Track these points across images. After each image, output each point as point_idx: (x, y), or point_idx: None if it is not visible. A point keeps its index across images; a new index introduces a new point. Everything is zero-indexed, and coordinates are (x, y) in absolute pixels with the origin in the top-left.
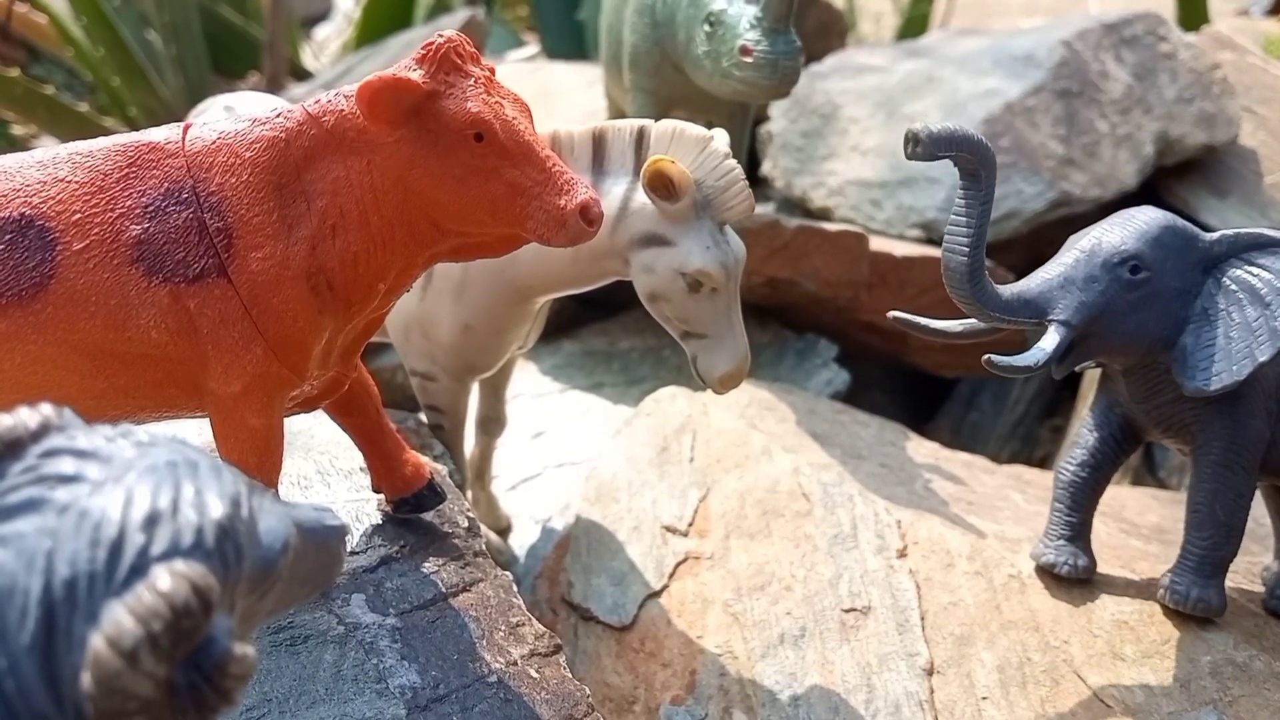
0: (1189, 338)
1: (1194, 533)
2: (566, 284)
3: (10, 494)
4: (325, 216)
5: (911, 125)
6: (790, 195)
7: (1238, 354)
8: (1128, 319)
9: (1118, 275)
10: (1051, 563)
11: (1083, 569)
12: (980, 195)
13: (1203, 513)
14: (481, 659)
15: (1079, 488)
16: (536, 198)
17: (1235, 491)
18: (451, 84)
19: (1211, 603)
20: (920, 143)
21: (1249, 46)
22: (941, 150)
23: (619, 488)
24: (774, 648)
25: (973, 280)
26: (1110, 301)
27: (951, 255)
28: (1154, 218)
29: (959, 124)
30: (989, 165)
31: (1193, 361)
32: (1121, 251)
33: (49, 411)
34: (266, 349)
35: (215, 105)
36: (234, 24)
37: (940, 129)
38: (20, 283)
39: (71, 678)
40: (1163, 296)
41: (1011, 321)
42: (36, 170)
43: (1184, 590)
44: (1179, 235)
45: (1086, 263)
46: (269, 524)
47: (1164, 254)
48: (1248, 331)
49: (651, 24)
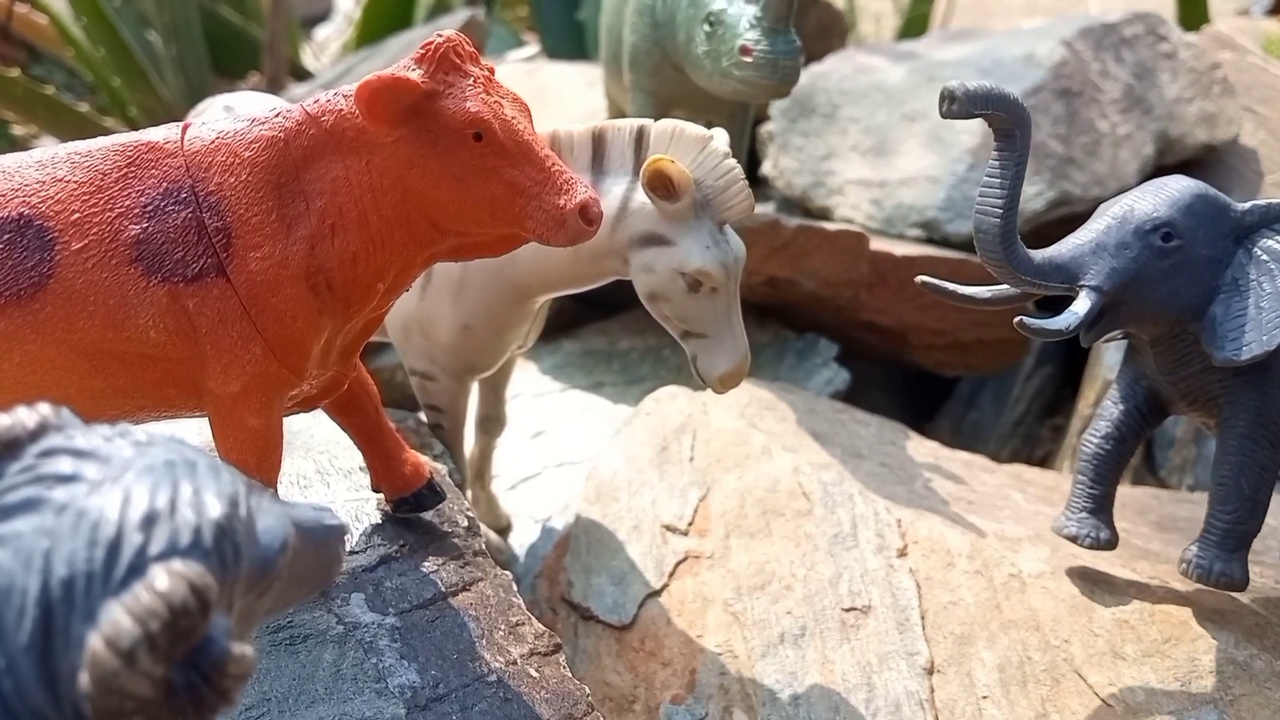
0: (1219, 307)
1: (1218, 506)
2: (566, 283)
3: (8, 494)
4: (324, 216)
5: (948, 83)
6: (790, 195)
7: (1268, 324)
8: (1159, 286)
9: (1149, 242)
10: (1074, 534)
11: (1105, 541)
12: (1015, 156)
13: (1228, 486)
14: (481, 658)
15: (1102, 460)
16: (536, 197)
17: (1261, 465)
18: (450, 83)
19: (1235, 577)
20: (956, 100)
21: (1249, 46)
22: (978, 108)
23: (619, 487)
24: (774, 647)
25: (1005, 243)
26: (1142, 268)
27: (984, 217)
28: (1186, 186)
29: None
30: (1024, 125)
31: (1222, 331)
32: (1154, 219)
33: (47, 411)
34: (265, 348)
35: (215, 105)
36: (234, 24)
37: (976, 87)
38: (19, 282)
39: (69, 677)
40: (1194, 265)
41: (1043, 286)
42: (35, 170)
43: (1208, 564)
44: (1211, 204)
45: (1119, 229)
46: (267, 523)
47: (1196, 222)
48: (1279, 301)
49: (651, 24)
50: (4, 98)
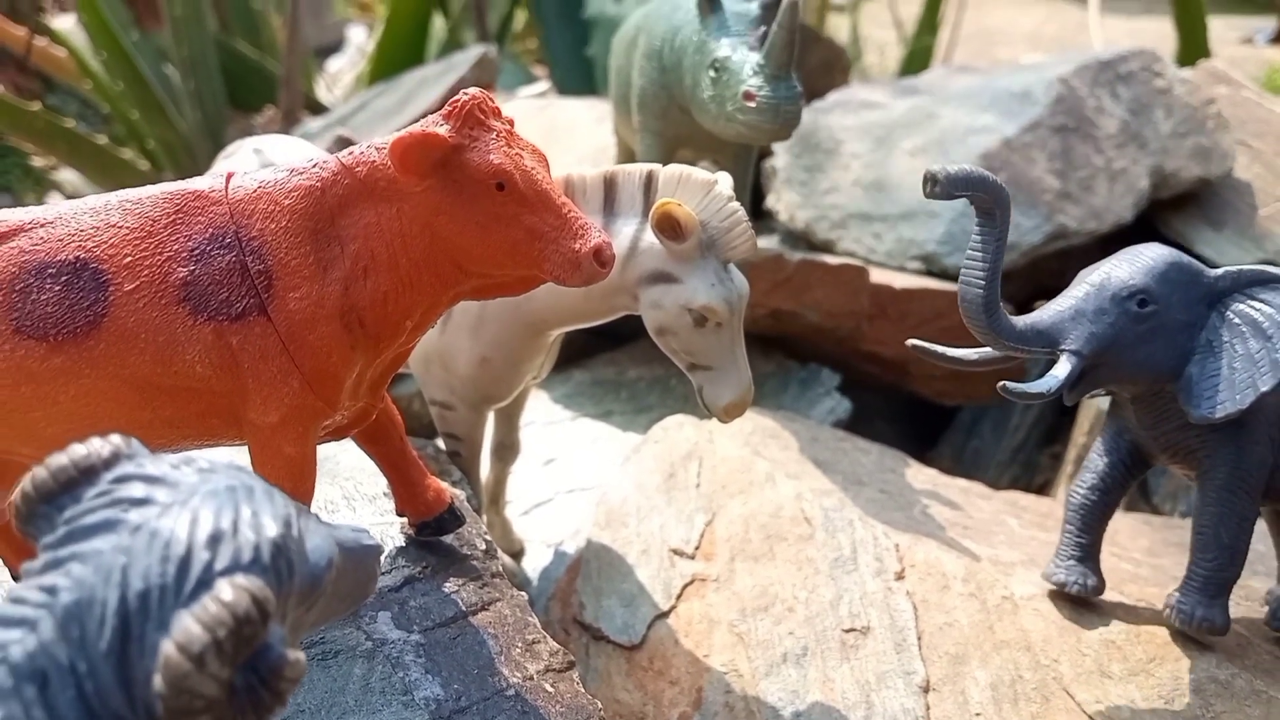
0: (1194, 368)
1: (1199, 554)
2: (579, 318)
3: (87, 515)
4: (358, 259)
5: (930, 166)
6: (794, 228)
7: (1241, 384)
8: (1136, 349)
9: (1126, 308)
10: (1062, 581)
11: (1092, 588)
12: (995, 232)
13: (1208, 535)
14: (500, 673)
15: (1089, 510)
16: (553, 242)
17: (1239, 515)
18: (475, 138)
19: (1216, 622)
20: (939, 182)
21: (1244, 81)
22: (958, 190)
23: (628, 512)
24: (777, 666)
25: (989, 312)
26: (1119, 333)
27: (969, 288)
28: (1161, 254)
29: (973, 166)
30: (1003, 204)
31: (1198, 390)
32: (1130, 286)
33: (119, 441)
34: (303, 382)
35: (244, 148)
36: (250, 59)
37: (957, 170)
38: (76, 321)
39: (144, 680)
40: (1169, 328)
41: (1026, 351)
42: (90, 217)
43: (1189, 610)
44: (1184, 271)
45: (1097, 296)
46: (315, 543)
47: (1170, 288)
48: (1250, 362)
49: (659, 68)
50: (25, 130)
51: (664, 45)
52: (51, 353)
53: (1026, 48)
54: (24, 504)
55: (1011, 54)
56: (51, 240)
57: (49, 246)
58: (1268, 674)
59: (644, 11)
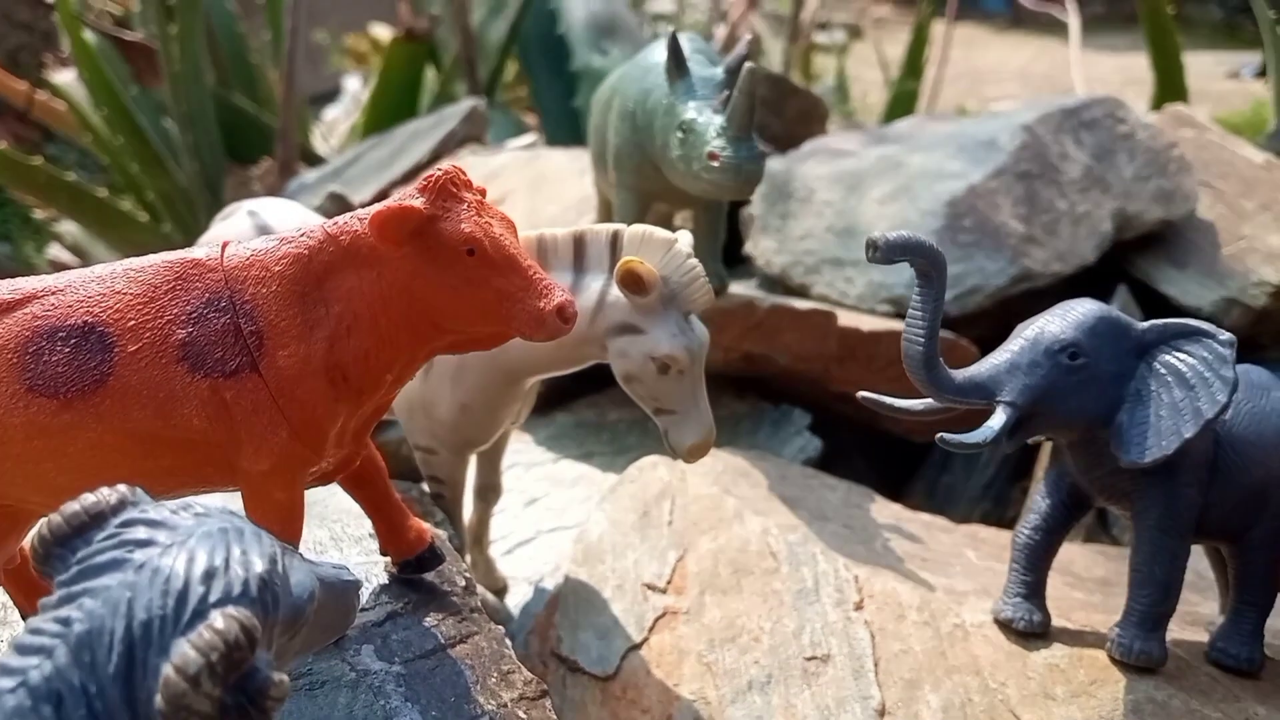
0: (1124, 416)
1: (1136, 590)
2: (552, 367)
3: (97, 555)
4: (341, 319)
5: (871, 234)
6: (770, 273)
7: (1167, 431)
8: (1068, 399)
9: (1058, 361)
10: (1009, 618)
11: (1038, 624)
12: (933, 293)
13: (1143, 573)
14: (476, 701)
15: (1033, 550)
16: (520, 301)
17: (1171, 554)
18: (448, 209)
19: (1153, 654)
20: (878, 248)
21: (1208, 124)
22: (896, 255)
23: (604, 549)
24: (743, 694)
25: (928, 367)
26: (1052, 384)
27: (910, 345)
28: (1091, 309)
29: (912, 232)
30: (939, 268)
31: (1128, 437)
32: (1061, 340)
33: (125, 490)
34: (291, 432)
35: (240, 210)
36: (247, 112)
37: (895, 237)
38: (84, 380)
39: (147, 699)
40: (1099, 379)
41: (963, 402)
42: (97, 284)
43: (1128, 643)
44: (1113, 325)
45: (1030, 350)
46: (299, 578)
47: (1099, 341)
48: (1175, 411)
49: (633, 129)
50: (27, 184)
51: (637, 107)
52: (62, 409)
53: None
54: (41, 546)
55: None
56: (61, 306)
57: (59, 312)
58: (1203, 694)
59: (619, 74)
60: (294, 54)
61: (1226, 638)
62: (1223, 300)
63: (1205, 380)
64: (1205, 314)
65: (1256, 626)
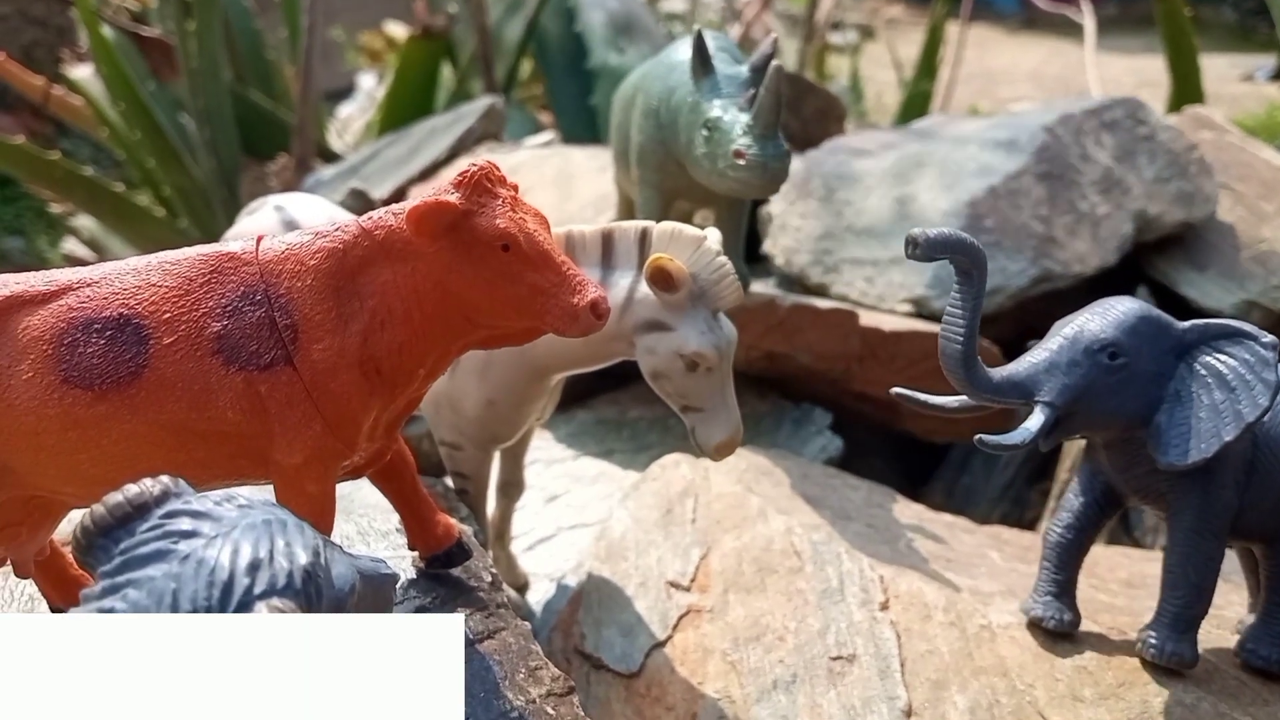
0: (1163, 416)
1: (1169, 592)
2: (579, 364)
3: (141, 546)
4: (376, 313)
5: (912, 230)
6: (790, 272)
7: (1206, 433)
8: (1107, 399)
9: (1098, 360)
10: (1040, 616)
11: (1068, 623)
12: (973, 291)
13: (1176, 574)
14: (505, 697)
15: (1065, 548)
16: (554, 296)
17: (1206, 555)
18: (483, 204)
19: (1185, 656)
20: (919, 245)
21: (1227, 126)
22: (938, 252)
23: (627, 547)
24: (768, 693)
25: (967, 366)
26: (1091, 384)
27: (948, 343)
28: (1131, 308)
29: (953, 229)
30: (980, 265)
31: (1166, 439)
32: (1101, 339)
33: (168, 481)
34: (324, 426)
35: (267, 205)
36: (264, 108)
37: (937, 234)
38: (119, 372)
39: None
40: (1139, 379)
41: (1001, 401)
42: (132, 276)
43: (1159, 644)
44: (1154, 324)
45: (1070, 349)
46: (339, 570)
47: (1140, 341)
48: (1215, 413)
49: (656, 126)
50: (44, 179)
51: (660, 105)
52: (97, 401)
53: (1029, 88)
54: (84, 537)
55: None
56: (97, 298)
57: (95, 304)
58: (1232, 697)
59: (642, 72)
60: (311, 51)
61: (1257, 639)
62: (1243, 303)
63: (1247, 383)
64: (1225, 316)
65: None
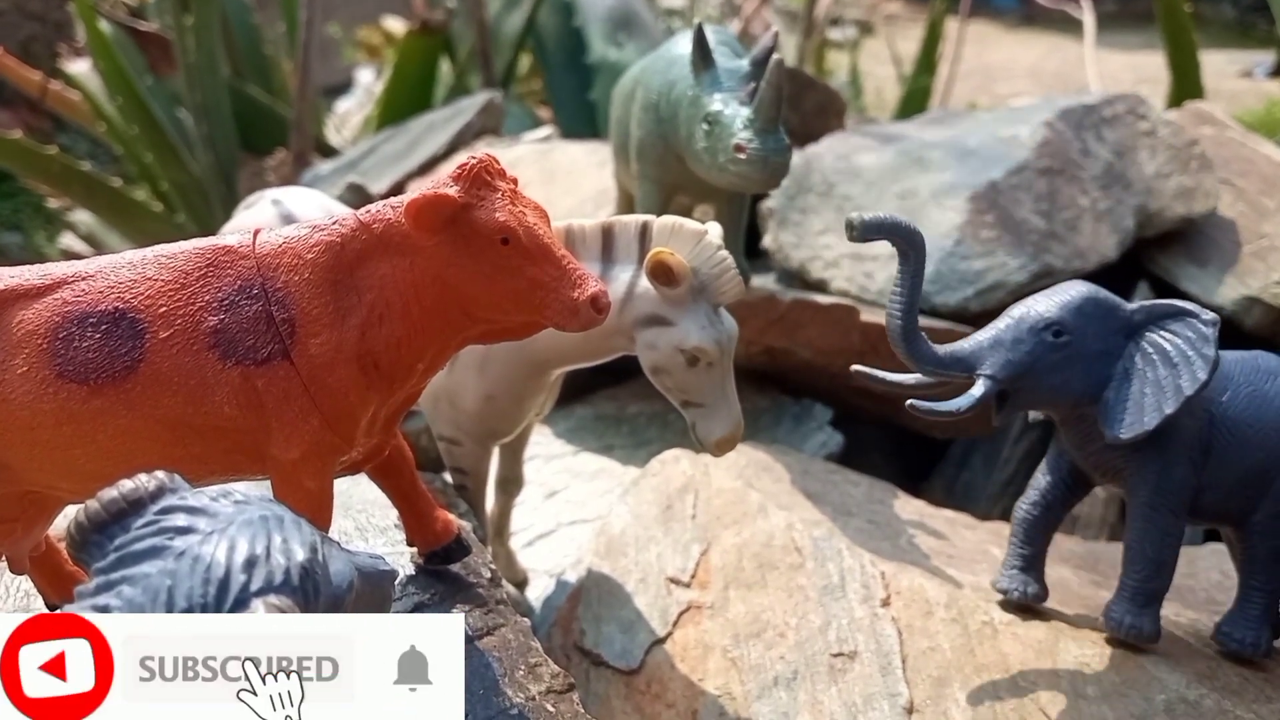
0: (1111, 393)
1: (1127, 567)
2: (579, 358)
3: (136, 542)
4: (374, 308)
5: (849, 214)
6: (789, 267)
7: (1149, 407)
8: (1052, 375)
9: (1042, 338)
10: (1005, 589)
11: (1032, 595)
12: (910, 270)
13: (1135, 549)
14: (504, 694)
15: (1031, 524)
16: (554, 290)
17: (1162, 530)
18: (482, 197)
19: (1144, 630)
20: (855, 228)
21: (1228, 121)
22: (872, 234)
23: (627, 543)
24: (768, 689)
25: (907, 339)
26: (1035, 360)
27: (891, 319)
28: (1079, 290)
29: (890, 213)
30: (916, 246)
31: (1113, 413)
32: (1045, 318)
33: (164, 476)
34: (322, 421)
35: (264, 198)
36: (261, 103)
37: (872, 217)
38: (114, 366)
39: None
40: (1084, 357)
41: (945, 374)
42: (128, 270)
43: (1118, 618)
44: (1101, 305)
45: (1015, 327)
46: (337, 567)
47: (1085, 321)
48: (1158, 388)
49: (656, 120)
50: (42, 173)
51: (660, 99)
52: (92, 395)
53: (1027, 84)
54: (79, 533)
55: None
56: (92, 292)
57: (90, 298)
58: (1235, 694)
59: (641, 66)
60: (309, 46)
61: (1232, 622)
62: (1244, 299)
63: (1187, 358)
64: (1226, 312)
65: (1264, 611)
